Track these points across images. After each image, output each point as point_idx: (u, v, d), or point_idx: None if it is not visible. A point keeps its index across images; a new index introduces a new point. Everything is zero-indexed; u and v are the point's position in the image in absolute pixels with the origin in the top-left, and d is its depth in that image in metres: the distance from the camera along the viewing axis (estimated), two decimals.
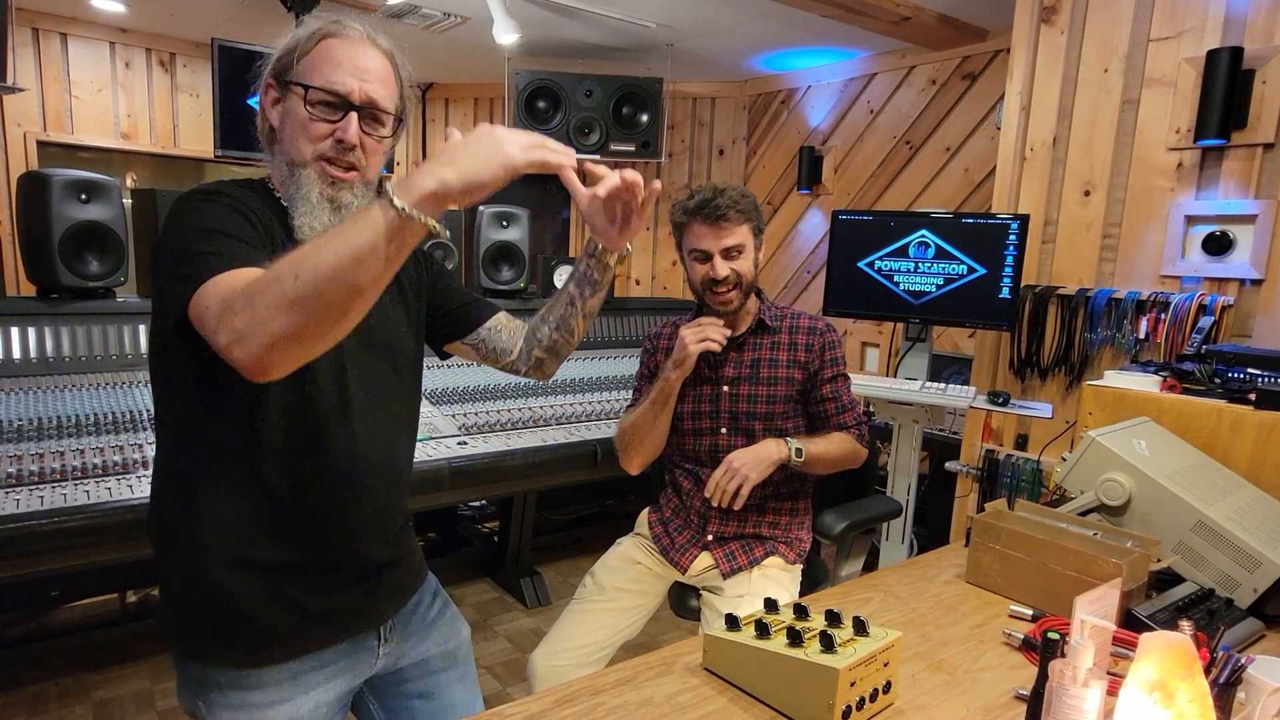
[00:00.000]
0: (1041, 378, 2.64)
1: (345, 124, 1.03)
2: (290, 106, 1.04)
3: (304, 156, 1.04)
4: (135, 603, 2.93)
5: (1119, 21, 2.43)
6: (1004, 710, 1.04)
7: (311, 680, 1.07)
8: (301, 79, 1.03)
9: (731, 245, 1.72)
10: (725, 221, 1.71)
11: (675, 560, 1.84)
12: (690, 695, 1.06)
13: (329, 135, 1.03)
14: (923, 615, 1.32)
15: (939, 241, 2.63)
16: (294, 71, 1.04)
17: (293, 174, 1.05)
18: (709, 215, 1.71)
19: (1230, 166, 2.24)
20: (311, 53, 1.03)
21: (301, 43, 1.04)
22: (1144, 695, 0.79)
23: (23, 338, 2.30)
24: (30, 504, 1.75)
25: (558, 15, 3.50)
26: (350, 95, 1.03)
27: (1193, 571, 1.38)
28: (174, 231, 0.96)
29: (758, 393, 1.80)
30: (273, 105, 1.07)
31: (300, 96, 1.02)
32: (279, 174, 1.08)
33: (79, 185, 2.35)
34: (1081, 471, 1.51)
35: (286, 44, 1.06)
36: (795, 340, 1.83)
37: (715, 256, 1.73)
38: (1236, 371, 1.71)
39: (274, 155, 1.09)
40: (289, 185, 1.05)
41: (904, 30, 3.38)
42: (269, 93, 1.07)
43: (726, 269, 1.73)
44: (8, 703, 2.35)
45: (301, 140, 1.03)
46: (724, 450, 1.80)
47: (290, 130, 1.04)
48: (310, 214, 1.03)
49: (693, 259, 1.78)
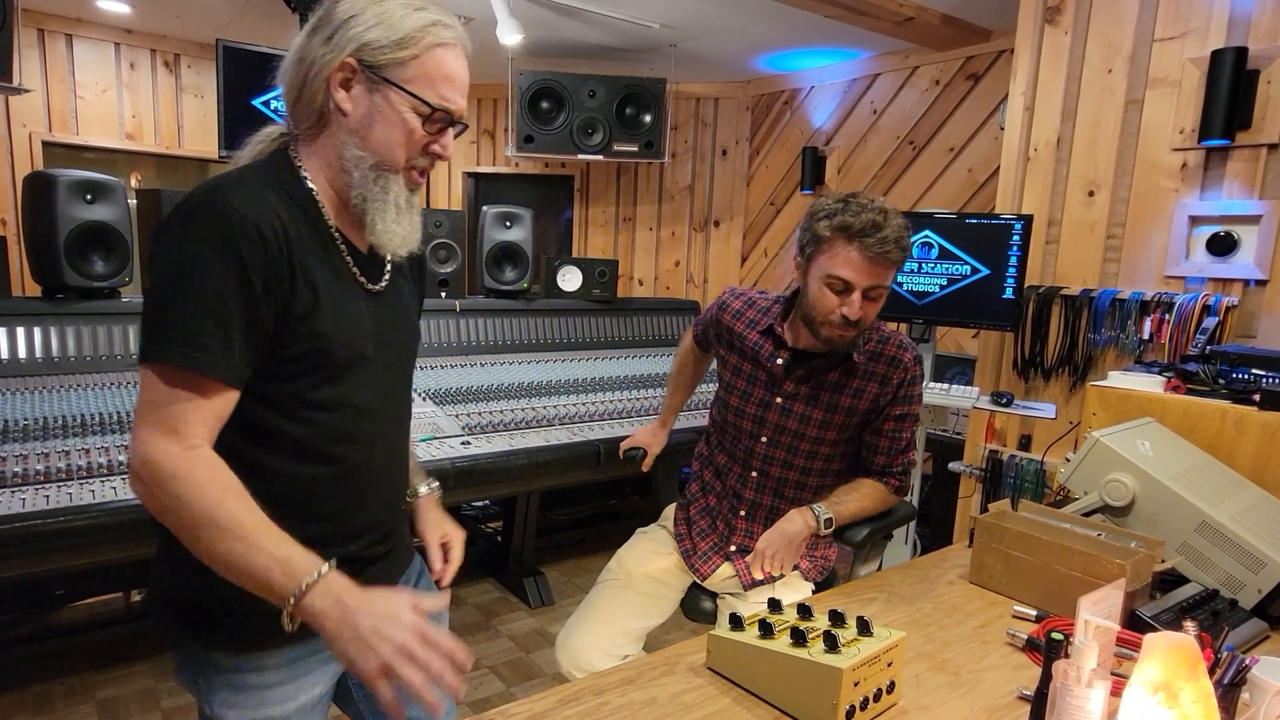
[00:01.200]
0: (1045, 378, 2.64)
1: (445, 141, 1.02)
2: (387, 107, 0.97)
3: (396, 163, 1.00)
4: (140, 602, 2.94)
5: (1123, 22, 2.43)
6: (1008, 710, 1.05)
7: (308, 665, 1.08)
8: (412, 87, 0.97)
9: (879, 285, 1.50)
10: (885, 259, 1.46)
11: (695, 567, 1.77)
12: (694, 695, 1.06)
13: (428, 148, 1.02)
14: (927, 615, 1.32)
15: (943, 242, 2.63)
16: (397, 71, 0.97)
17: (378, 176, 1.00)
18: (871, 247, 1.45)
19: (1234, 167, 2.23)
20: (424, 59, 0.97)
21: (408, 39, 0.96)
22: (1148, 696, 0.79)
23: (28, 338, 2.31)
24: (36, 503, 1.75)
25: (561, 16, 3.51)
26: (456, 114, 1.01)
27: (1197, 572, 1.38)
28: (165, 262, 0.91)
29: (811, 415, 1.65)
30: (344, 87, 0.98)
31: (413, 107, 0.98)
32: (336, 156, 1.00)
33: (84, 186, 2.36)
34: (1085, 472, 1.51)
35: (380, 26, 0.96)
36: (872, 369, 1.63)
37: (857, 293, 1.48)
38: (1241, 372, 1.70)
39: (324, 135, 1.01)
40: (366, 185, 1.00)
41: (907, 30, 3.38)
42: (343, 73, 0.97)
43: (860, 312, 1.49)
44: (13, 701, 2.35)
45: (398, 148, 0.99)
46: (759, 458, 1.70)
47: (385, 133, 0.98)
48: (397, 220, 1.01)
49: (825, 284, 1.50)
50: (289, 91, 1.01)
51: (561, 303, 3.49)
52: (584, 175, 4.76)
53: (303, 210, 0.99)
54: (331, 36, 0.97)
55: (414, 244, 1.06)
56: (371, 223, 1.01)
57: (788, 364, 1.66)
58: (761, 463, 1.71)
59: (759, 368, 1.70)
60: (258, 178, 0.98)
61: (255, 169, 1.01)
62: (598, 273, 3.56)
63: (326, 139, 1.01)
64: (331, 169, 1.01)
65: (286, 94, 1.02)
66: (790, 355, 1.67)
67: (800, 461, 1.69)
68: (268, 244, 0.92)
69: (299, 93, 1.00)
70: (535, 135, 4.03)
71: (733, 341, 1.76)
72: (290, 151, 1.03)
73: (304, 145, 1.03)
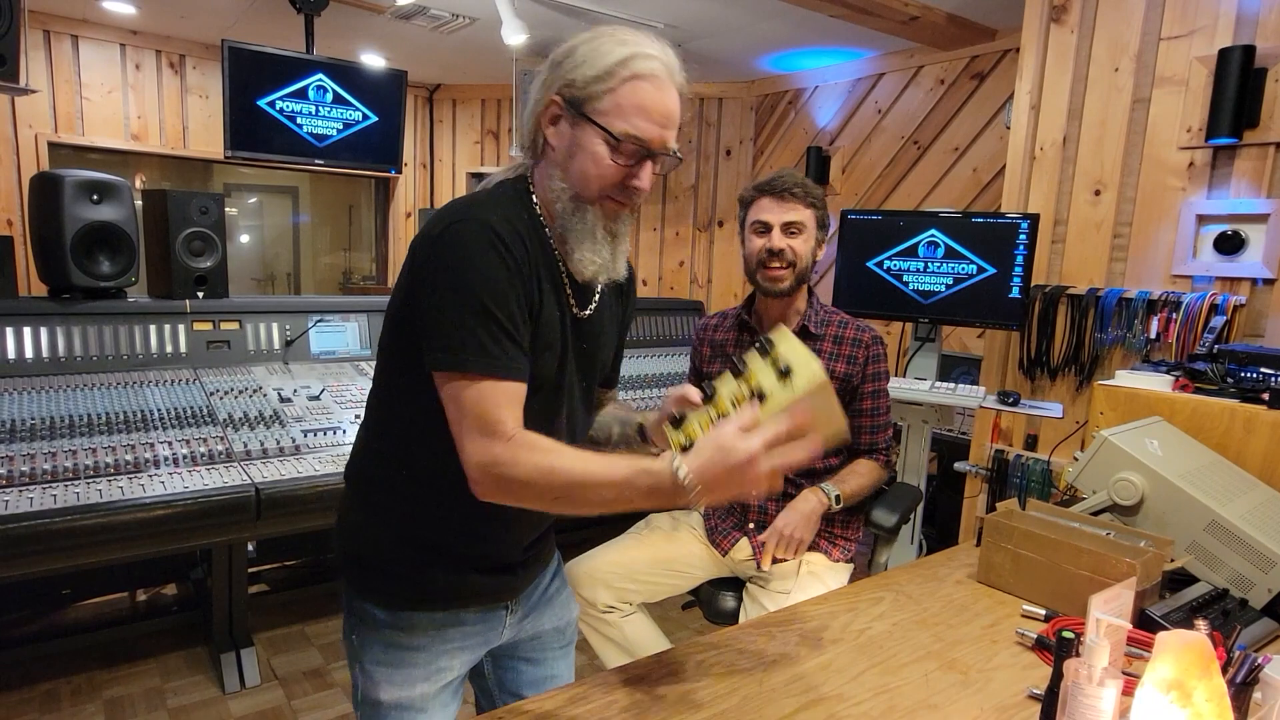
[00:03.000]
0: (1051, 378, 2.63)
1: (642, 173, 1.04)
2: (584, 140, 1.02)
3: (592, 194, 1.04)
4: (146, 601, 2.94)
5: (1130, 20, 2.42)
6: (1018, 710, 1.04)
7: (450, 635, 1.15)
8: (605, 122, 1.00)
9: (793, 221, 1.78)
10: (790, 196, 1.77)
11: (717, 542, 1.88)
12: (704, 693, 1.06)
13: (623, 180, 1.03)
14: (935, 615, 1.32)
15: (948, 241, 2.62)
16: (594, 106, 1.00)
17: (576, 207, 1.04)
18: (775, 189, 1.78)
19: (1242, 166, 2.22)
20: (618, 92, 1.00)
21: (606, 74, 1.00)
22: (1161, 694, 0.79)
23: (34, 337, 2.31)
24: (43, 502, 1.76)
25: (566, 16, 3.50)
26: (652, 144, 1.02)
27: (1206, 572, 1.37)
28: (451, 275, 0.96)
29: None
30: (552, 123, 1.04)
31: (603, 139, 1.00)
32: (547, 187, 1.06)
33: (90, 186, 2.37)
34: (1093, 471, 1.50)
35: (585, 64, 1.01)
36: (839, 350, 1.84)
37: (775, 229, 1.78)
38: (1249, 371, 1.70)
39: (541, 167, 1.08)
40: (567, 215, 1.05)
41: (912, 30, 3.37)
42: (552, 110, 1.04)
43: (784, 243, 1.77)
44: (20, 700, 2.36)
45: (594, 180, 1.02)
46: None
47: (581, 165, 1.02)
48: (593, 249, 1.06)
49: (752, 231, 1.82)
50: (523, 127, 1.10)
51: None
52: None
53: (535, 232, 1.06)
54: (547, 78, 1.05)
55: (613, 273, 1.10)
56: (570, 250, 1.06)
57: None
58: None
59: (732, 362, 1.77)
60: (505, 199, 1.06)
61: (503, 190, 1.08)
62: None
63: (542, 172, 1.08)
64: (547, 199, 1.08)
65: (522, 130, 1.10)
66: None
67: None
68: (518, 258, 0.98)
69: (526, 128, 1.09)
70: None
71: (712, 354, 1.95)
72: (529, 177, 1.10)
73: (534, 177, 1.10)
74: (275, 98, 3.72)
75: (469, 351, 0.95)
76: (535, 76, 1.08)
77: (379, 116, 4.06)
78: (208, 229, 2.61)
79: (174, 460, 2.04)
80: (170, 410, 2.24)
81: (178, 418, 2.21)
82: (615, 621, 1.80)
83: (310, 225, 7.55)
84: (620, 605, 1.81)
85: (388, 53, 4.44)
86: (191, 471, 2.01)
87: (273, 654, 2.68)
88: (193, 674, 2.54)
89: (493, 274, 0.96)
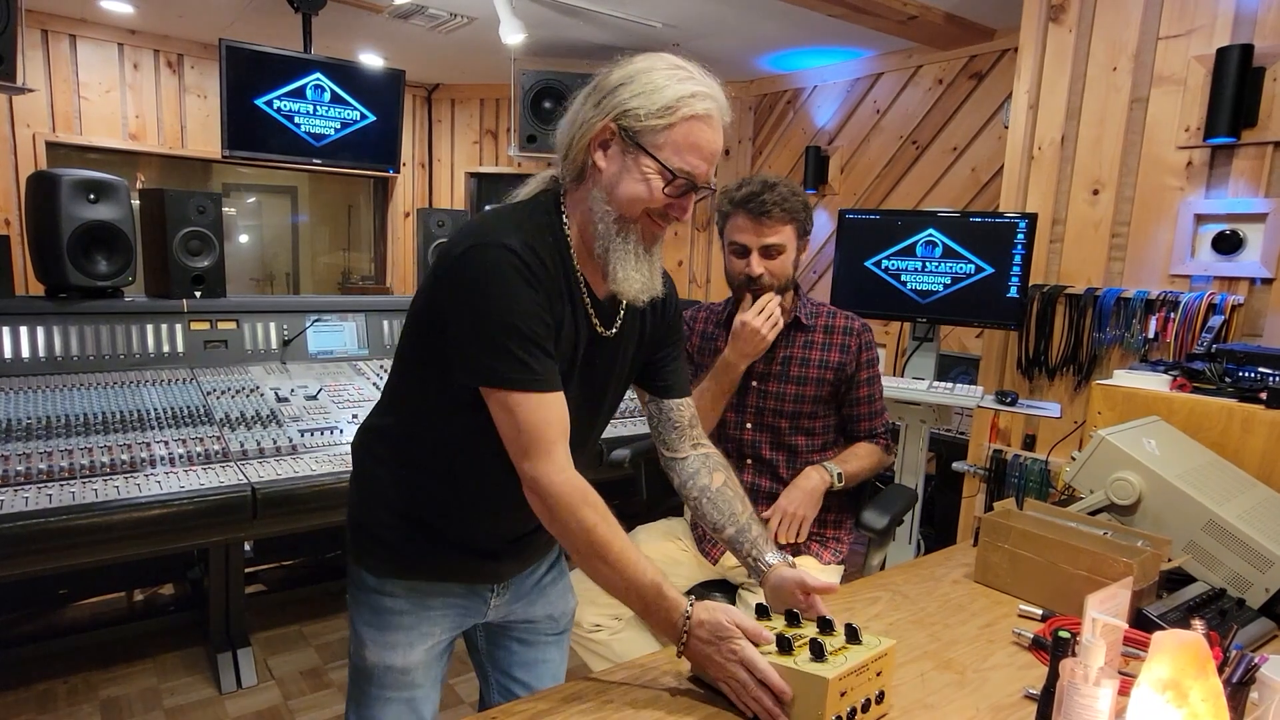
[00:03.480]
0: (1049, 377, 2.63)
1: (686, 204, 1.09)
2: (636, 169, 1.05)
3: (635, 214, 1.08)
4: (143, 601, 2.94)
5: (1128, 19, 2.42)
6: (1014, 710, 1.04)
7: (432, 604, 1.22)
8: (663, 157, 1.04)
9: (772, 244, 1.69)
10: (768, 219, 1.66)
11: (706, 551, 1.85)
12: (699, 694, 1.05)
13: (666, 208, 1.08)
14: (931, 614, 1.32)
15: (946, 240, 2.62)
16: (649, 136, 1.04)
17: (620, 228, 1.08)
18: (753, 210, 1.66)
19: (1240, 165, 2.22)
20: (675, 129, 1.04)
21: (666, 109, 1.03)
22: (1157, 694, 0.79)
23: (31, 337, 2.31)
24: (39, 502, 1.75)
25: (564, 15, 3.50)
26: (699, 180, 1.07)
27: (1204, 571, 1.37)
28: (483, 299, 1.01)
29: (786, 391, 1.79)
30: (602, 147, 1.07)
31: (658, 172, 1.05)
32: (589, 208, 1.09)
33: (88, 185, 2.36)
34: (1091, 470, 1.50)
35: (643, 96, 1.04)
36: (831, 340, 1.81)
37: (754, 254, 1.70)
38: (1247, 371, 1.69)
39: (582, 187, 1.10)
40: (610, 236, 1.08)
41: (910, 29, 3.37)
42: (604, 135, 1.06)
43: (761, 268, 1.70)
44: (16, 700, 2.36)
45: (638, 203, 1.07)
46: (748, 445, 1.81)
47: (631, 190, 1.06)
48: (635, 268, 1.09)
49: (731, 251, 1.75)
50: (561, 147, 1.12)
51: None
52: None
53: (559, 252, 1.09)
54: (601, 101, 1.06)
55: (654, 291, 1.14)
56: (613, 270, 1.09)
57: None
58: (752, 449, 1.82)
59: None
60: (530, 217, 1.10)
61: (529, 207, 1.12)
62: None
63: (583, 192, 1.11)
64: (584, 219, 1.11)
65: (559, 149, 1.13)
66: None
67: (787, 440, 1.80)
68: (540, 278, 1.04)
69: (567, 150, 1.10)
70: (538, 135, 4.03)
71: (702, 346, 1.91)
72: (560, 196, 1.13)
73: (568, 195, 1.13)
74: (273, 97, 3.72)
75: (511, 369, 1.01)
76: (579, 96, 1.10)
77: (377, 116, 4.06)
78: (205, 228, 2.61)
79: (170, 460, 2.03)
80: (167, 410, 2.23)
81: (174, 417, 2.21)
82: (604, 640, 1.76)
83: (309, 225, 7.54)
84: (608, 623, 1.76)
85: (386, 52, 4.44)
86: (188, 471, 2.01)
87: (270, 654, 2.68)
88: (189, 674, 2.54)
89: (518, 296, 1.01)
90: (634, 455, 2.11)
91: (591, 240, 1.10)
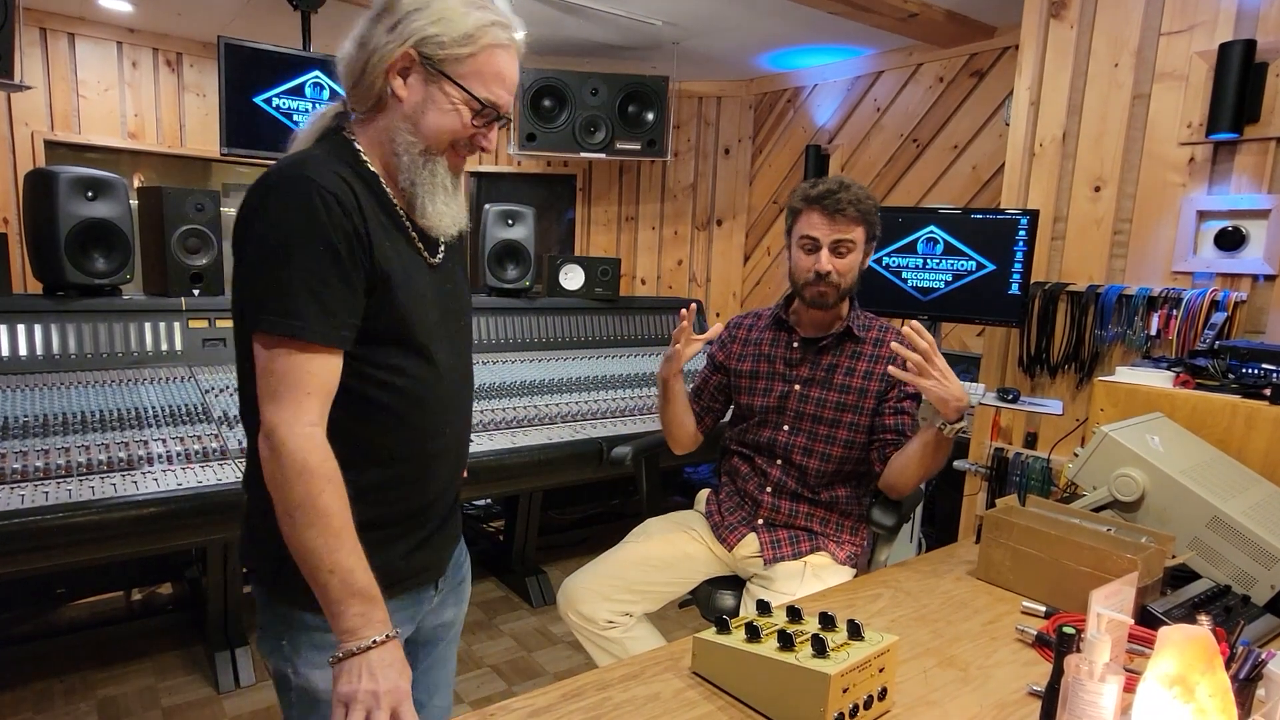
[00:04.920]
0: (1051, 375, 2.62)
1: (491, 133, 1.09)
2: (438, 96, 1.03)
3: (442, 147, 1.06)
4: (140, 600, 2.93)
5: (1129, 15, 2.41)
6: (1018, 706, 1.03)
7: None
8: (464, 82, 1.03)
9: (844, 239, 1.71)
10: (842, 216, 1.69)
11: (723, 538, 1.86)
12: (698, 691, 1.05)
13: (473, 139, 1.07)
14: (934, 612, 1.31)
15: (947, 237, 2.61)
16: (452, 65, 1.02)
17: (427, 160, 1.05)
18: (828, 206, 1.69)
19: (1243, 161, 2.21)
20: (479, 57, 1.03)
21: (467, 37, 1.02)
22: (1164, 689, 0.78)
23: (29, 335, 2.30)
24: (35, 499, 1.74)
25: (563, 13, 3.49)
26: (503, 110, 1.07)
27: (1208, 568, 1.36)
28: (256, 234, 0.95)
29: (827, 398, 1.80)
30: (401, 75, 1.03)
31: (465, 101, 1.03)
32: (390, 140, 1.05)
33: (86, 183, 2.36)
34: (1094, 467, 1.49)
35: (443, 23, 1.01)
36: (880, 353, 1.80)
37: (824, 249, 1.71)
38: (1251, 367, 1.69)
39: (380, 118, 1.06)
40: (416, 169, 1.05)
41: (911, 27, 3.36)
42: (402, 64, 1.02)
43: (830, 265, 1.71)
44: (14, 699, 2.35)
45: (445, 134, 1.05)
46: (781, 446, 1.83)
47: (437, 121, 1.04)
48: (445, 201, 1.07)
49: (800, 246, 1.75)
50: (348, 74, 1.06)
51: (564, 301, 3.47)
52: (586, 174, 4.74)
53: (369, 187, 1.04)
54: (395, 26, 1.02)
55: (462, 224, 1.12)
56: (422, 205, 1.06)
57: (801, 346, 1.83)
58: (784, 451, 1.82)
59: (774, 362, 1.85)
60: (330, 156, 1.03)
61: (324, 150, 1.05)
62: (600, 271, 3.55)
63: (381, 122, 1.06)
64: (384, 150, 1.06)
65: (345, 76, 1.07)
66: (800, 341, 1.84)
67: (820, 448, 1.80)
68: (348, 214, 0.97)
69: (359, 77, 1.05)
70: (537, 133, 4.02)
71: (744, 352, 1.92)
72: (346, 133, 1.08)
73: (359, 126, 1.08)
74: (272, 95, 3.71)
75: (266, 311, 0.94)
76: (364, 19, 1.05)
77: None
78: (203, 226, 2.60)
79: (168, 458, 2.03)
80: (165, 408, 2.23)
81: (172, 415, 2.20)
82: (618, 638, 1.76)
83: None
84: (621, 619, 1.76)
85: None
86: (186, 469, 2.00)
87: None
88: (187, 673, 2.53)
89: (298, 235, 0.94)
90: (634, 453, 2.11)
91: (395, 172, 1.06)
